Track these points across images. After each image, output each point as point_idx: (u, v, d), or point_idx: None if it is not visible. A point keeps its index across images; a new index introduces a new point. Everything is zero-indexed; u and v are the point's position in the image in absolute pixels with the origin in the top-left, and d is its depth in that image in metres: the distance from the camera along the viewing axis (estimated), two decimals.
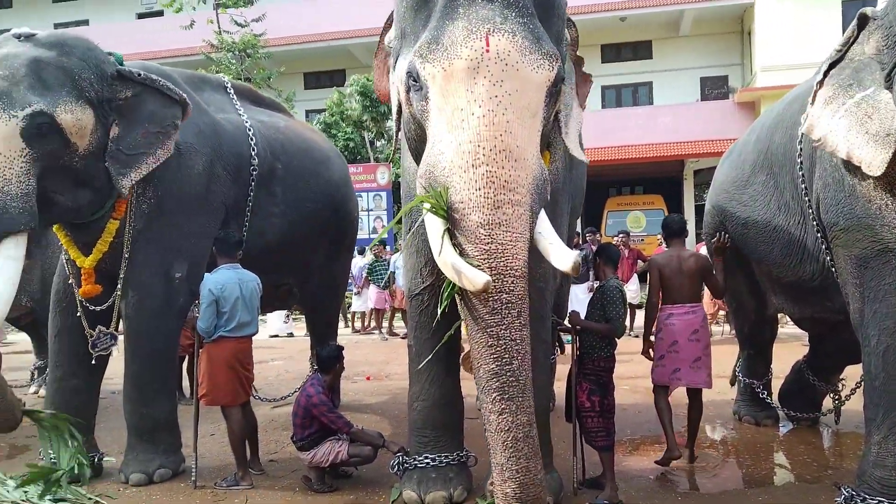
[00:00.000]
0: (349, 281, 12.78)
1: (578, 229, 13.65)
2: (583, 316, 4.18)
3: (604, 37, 19.62)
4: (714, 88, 19.98)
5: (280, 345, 10.81)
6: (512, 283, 2.72)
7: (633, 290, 10.79)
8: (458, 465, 4.02)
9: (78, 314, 4.43)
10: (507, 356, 2.72)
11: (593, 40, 19.59)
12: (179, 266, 4.55)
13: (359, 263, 11.41)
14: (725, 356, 6.25)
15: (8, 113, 3.73)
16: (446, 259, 2.79)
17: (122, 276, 4.38)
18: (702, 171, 18.43)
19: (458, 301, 2.93)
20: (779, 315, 5.68)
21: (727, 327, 10.22)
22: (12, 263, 3.82)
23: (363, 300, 11.94)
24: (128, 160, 4.19)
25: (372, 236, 14.29)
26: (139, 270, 4.41)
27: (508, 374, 2.71)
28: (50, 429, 4.14)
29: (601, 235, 15.09)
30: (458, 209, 2.78)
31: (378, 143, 17.98)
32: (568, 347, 4.45)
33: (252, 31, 17.43)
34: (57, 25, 23.91)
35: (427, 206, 2.88)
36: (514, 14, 2.85)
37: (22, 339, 10.06)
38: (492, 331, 2.73)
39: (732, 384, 5.91)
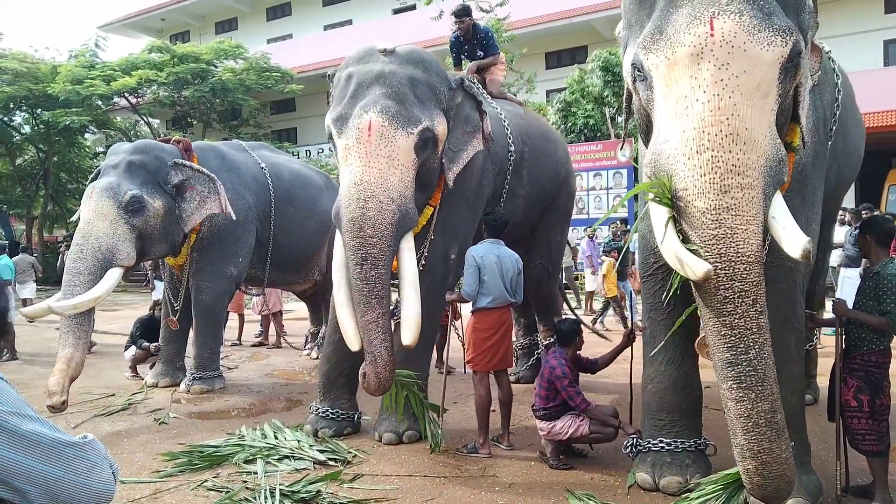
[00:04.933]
0: (581, 260, 12.77)
1: (850, 205, 12.10)
2: (850, 304, 3.71)
3: None
4: None
5: None
6: (745, 269, 2.61)
7: None
8: (695, 452, 3.86)
9: None
10: (742, 346, 2.63)
11: None
12: (454, 249, 5.01)
13: (586, 243, 11.32)
14: None
15: (406, 130, 4.31)
16: (668, 247, 2.76)
17: (425, 253, 4.84)
18: None
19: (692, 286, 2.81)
20: None
21: None
22: (412, 254, 4.46)
23: (597, 280, 11.76)
24: (453, 156, 4.74)
25: (613, 215, 13.98)
26: (430, 251, 4.88)
27: (745, 363, 2.64)
28: (405, 386, 4.71)
29: (881, 213, 13.21)
30: (682, 197, 2.73)
31: (619, 119, 17.48)
32: (831, 339, 3.97)
33: (496, 16, 17.83)
34: (326, 27, 26.67)
35: (651, 194, 2.86)
36: None
37: (300, 308, 11.49)
38: (725, 320, 2.66)
39: None
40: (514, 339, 7.01)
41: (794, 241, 2.71)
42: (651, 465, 3.84)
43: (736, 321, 2.64)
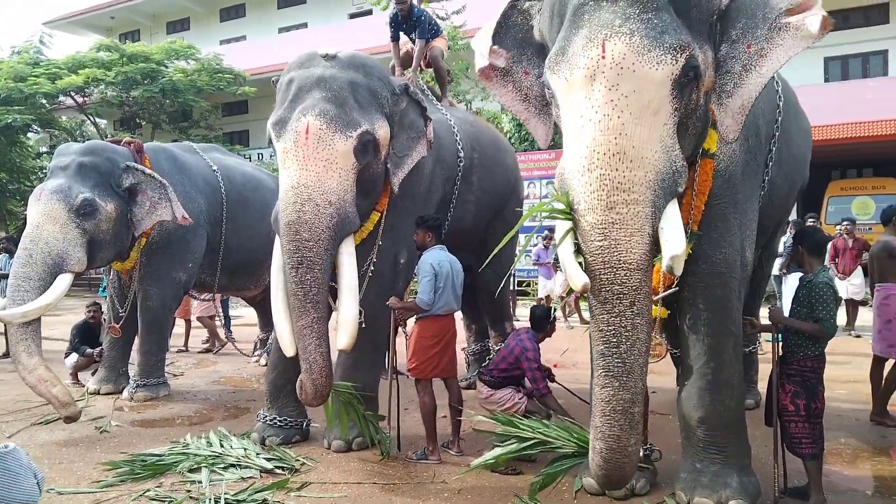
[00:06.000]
0: (534, 266, 12.90)
1: (795, 216, 12.45)
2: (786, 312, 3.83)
3: (829, 2, 17.50)
4: None
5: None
6: (625, 275, 2.81)
7: (858, 285, 9.69)
8: (640, 458, 3.90)
9: None
10: (614, 340, 2.84)
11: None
12: (403, 254, 5.01)
13: (540, 249, 11.49)
14: None
15: (345, 134, 4.30)
16: (562, 257, 2.95)
17: (374, 258, 4.84)
18: None
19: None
20: None
21: None
22: (352, 258, 4.45)
23: (545, 286, 11.93)
24: (398, 161, 4.76)
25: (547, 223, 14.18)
26: (379, 256, 4.87)
27: (614, 355, 2.84)
28: (343, 399, 4.66)
29: (821, 224, 13.67)
30: (577, 210, 2.91)
31: None
32: (769, 346, 4.09)
33: (452, 24, 17.89)
34: (281, 29, 26.39)
35: (554, 207, 3.05)
36: (637, 11, 2.89)
37: (249, 313, 11.30)
38: (604, 317, 2.86)
39: None
40: (465, 345, 7.04)
41: (666, 252, 2.87)
42: None
43: (612, 319, 2.84)
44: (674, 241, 2.88)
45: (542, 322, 4.63)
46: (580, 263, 2.90)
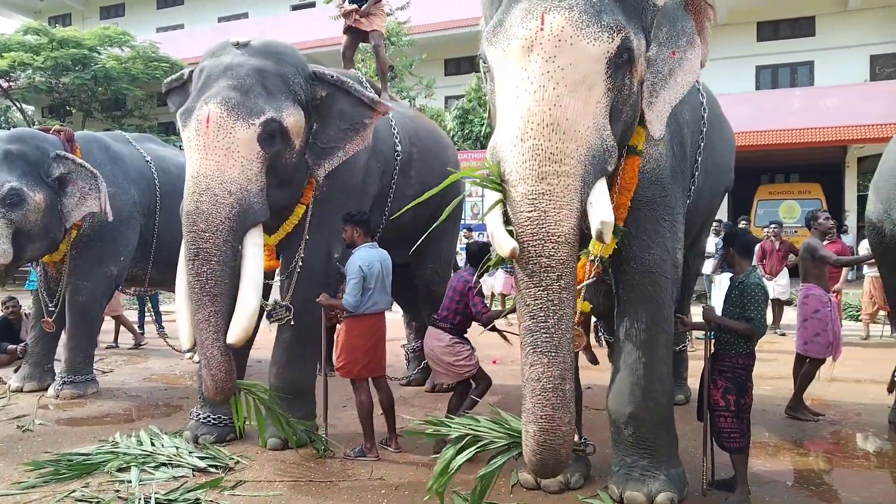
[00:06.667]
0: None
1: (724, 217, 12.91)
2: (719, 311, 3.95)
3: (760, 13, 18.32)
4: (886, 67, 18.06)
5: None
6: (553, 248, 2.80)
7: (783, 286, 10.08)
8: (574, 452, 3.97)
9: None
10: (542, 315, 2.80)
11: (749, 17, 18.35)
12: (337, 248, 4.91)
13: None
14: (886, 360, 5.72)
15: (247, 121, 4.16)
16: (489, 225, 2.94)
17: (301, 254, 4.75)
18: (867, 159, 16.77)
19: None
20: None
21: (888, 329, 9.36)
22: (258, 250, 4.30)
23: (486, 283, 12.00)
24: (322, 152, 4.64)
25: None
26: (310, 250, 4.79)
27: (542, 331, 2.80)
28: (259, 399, 4.49)
29: (751, 226, 14.20)
30: (508, 181, 2.90)
31: None
32: (701, 343, 4.23)
33: (397, 20, 17.82)
34: (220, 19, 25.78)
35: (484, 178, 3.04)
36: None
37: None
38: (530, 291, 2.82)
39: (890, 391, 5.40)
40: (406, 342, 7.04)
41: (595, 217, 2.89)
42: None
43: (539, 293, 2.81)
44: (602, 210, 2.90)
45: (478, 256, 4.61)
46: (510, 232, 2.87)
